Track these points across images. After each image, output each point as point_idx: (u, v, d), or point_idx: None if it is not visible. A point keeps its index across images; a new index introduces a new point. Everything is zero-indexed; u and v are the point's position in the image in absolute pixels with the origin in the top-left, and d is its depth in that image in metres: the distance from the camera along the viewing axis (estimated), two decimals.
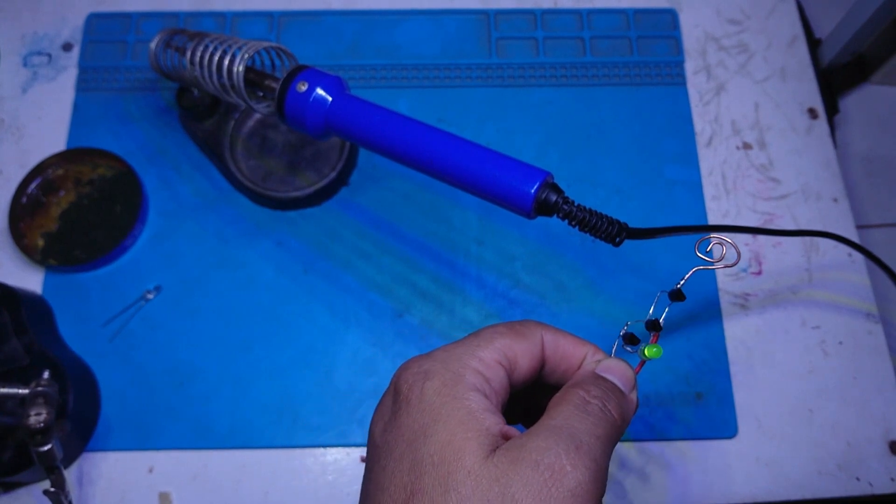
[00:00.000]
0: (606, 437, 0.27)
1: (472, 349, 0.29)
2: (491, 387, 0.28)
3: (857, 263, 0.55)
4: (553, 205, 0.35)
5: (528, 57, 0.61)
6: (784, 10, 0.64)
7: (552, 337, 0.31)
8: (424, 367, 0.28)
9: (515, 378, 0.30)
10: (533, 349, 0.30)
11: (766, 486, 0.48)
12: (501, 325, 0.31)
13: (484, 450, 0.25)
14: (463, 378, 0.27)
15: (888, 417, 0.50)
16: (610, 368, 0.31)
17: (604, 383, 0.30)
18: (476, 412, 0.26)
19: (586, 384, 0.29)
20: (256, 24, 0.62)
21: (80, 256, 0.53)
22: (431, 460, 0.25)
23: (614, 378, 0.31)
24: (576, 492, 0.24)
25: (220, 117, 0.56)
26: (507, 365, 0.29)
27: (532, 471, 0.24)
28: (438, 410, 0.26)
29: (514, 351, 0.30)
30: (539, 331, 0.31)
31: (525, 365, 0.30)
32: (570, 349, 0.32)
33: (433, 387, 0.27)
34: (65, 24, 0.63)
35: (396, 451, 0.26)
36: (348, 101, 0.43)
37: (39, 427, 0.42)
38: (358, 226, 0.55)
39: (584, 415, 0.27)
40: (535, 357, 0.31)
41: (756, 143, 0.59)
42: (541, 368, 0.31)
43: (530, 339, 0.31)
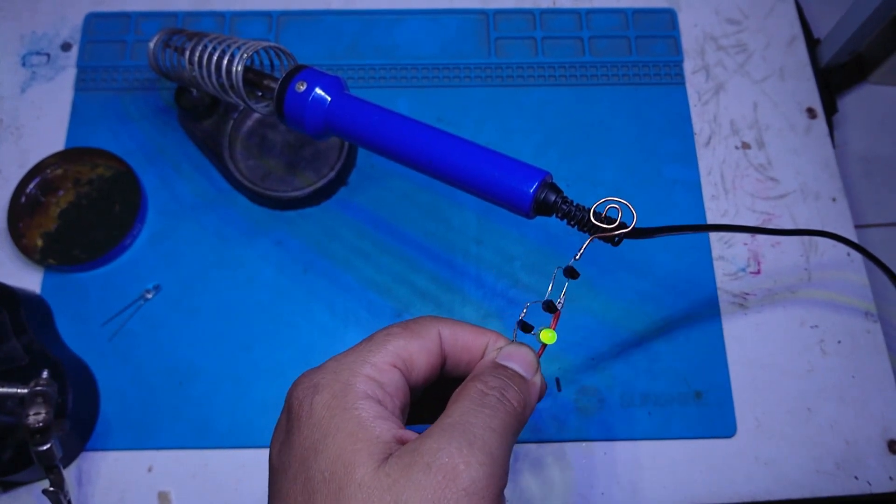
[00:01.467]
0: (504, 427, 0.27)
1: (364, 355, 0.28)
2: (385, 392, 0.28)
3: (856, 263, 0.55)
4: (552, 204, 0.35)
5: (527, 57, 0.61)
6: (783, 9, 0.64)
7: (450, 330, 0.31)
8: (314, 381, 0.27)
9: (415, 378, 0.29)
10: (430, 346, 0.30)
11: (765, 484, 0.48)
12: (395, 326, 0.30)
13: (375, 459, 0.24)
14: (353, 387, 0.27)
15: (887, 416, 0.50)
16: (510, 355, 0.30)
17: (503, 372, 0.29)
18: (366, 421, 0.26)
19: (485, 375, 0.29)
20: (255, 23, 0.62)
21: (80, 256, 0.53)
22: (322, 477, 0.24)
23: (515, 365, 0.30)
24: (470, 490, 0.24)
25: (219, 117, 0.56)
26: (403, 366, 0.29)
27: (424, 474, 0.24)
28: (328, 424, 0.26)
29: (409, 351, 0.29)
30: (435, 326, 0.31)
31: (423, 363, 0.30)
32: (470, 340, 0.31)
33: (322, 400, 0.26)
34: (63, 23, 0.63)
35: (290, 472, 0.26)
36: (347, 101, 0.43)
37: (38, 426, 0.42)
38: (357, 225, 0.55)
39: (480, 408, 0.27)
40: (433, 354, 0.30)
41: (755, 142, 0.59)
42: (443, 364, 0.31)
43: (426, 336, 0.30)
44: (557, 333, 0.32)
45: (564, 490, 0.48)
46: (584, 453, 0.49)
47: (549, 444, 0.49)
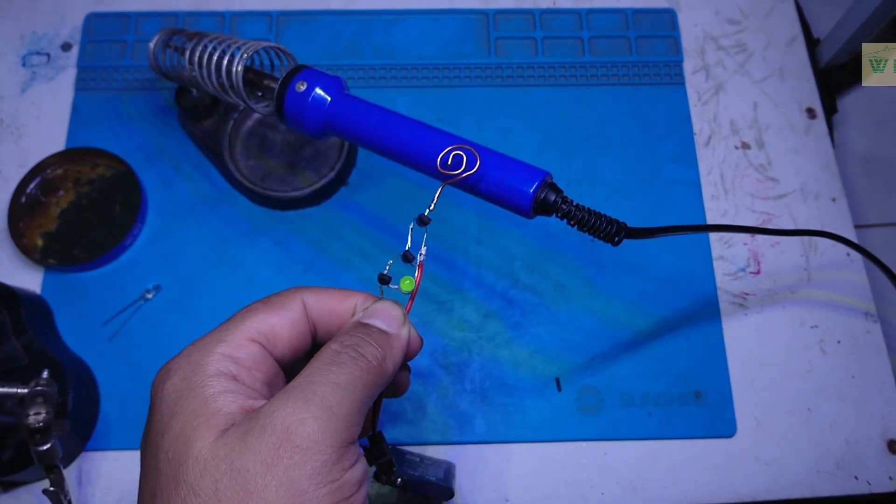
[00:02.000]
0: (351, 381, 0.26)
1: (220, 334, 0.28)
2: (242, 366, 0.27)
3: (856, 263, 0.55)
4: (552, 204, 0.35)
5: (526, 57, 0.61)
6: (783, 9, 0.64)
7: (315, 298, 0.30)
8: (168, 367, 0.27)
9: (281, 350, 0.29)
10: (293, 316, 0.30)
11: (765, 484, 0.48)
12: (257, 302, 0.30)
13: (214, 432, 0.24)
14: (203, 367, 0.27)
15: (886, 416, 0.50)
16: (374, 312, 0.30)
17: (361, 329, 0.29)
18: (210, 397, 0.25)
19: (342, 335, 0.29)
20: (255, 23, 0.62)
21: (80, 256, 0.53)
22: (166, 457, 0.24)
23: (378, 321, 0.30)
24: (304, 446, 0.24)
25: (219, 117, 0.56)
26: (264, 340, 0.29)
27: (259, 438, 0.24)
28: (174, 406, 0.26)
29: (270, 324, 0.29)
30: (298, 296, 0.30)
31: (287, 335, 0.29)
32: (336, 305, 0.31)
33: (173, 384, 0.26)
34: (63, 23, 0.63)
35: (145, 459, 0.26)
36: (347, 101, 0.43)
37: (39, 426, 0.42)
38: (357, 225, 0.55)
39: (327, 366, 0.27)
40: (298, 324, 0.30)
41: (755, 142, 0.59)
42: (314, 333, 0.31)
43: (288, 307, 0.30)
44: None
45: (564, 490, 0.48)
46: (584, 453, 0.49)
47: (549, 444, 0.49)
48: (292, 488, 0.23)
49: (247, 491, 0.23)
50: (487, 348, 0.51)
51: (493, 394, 0.50)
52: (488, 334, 0.52)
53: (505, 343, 0.51)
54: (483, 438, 0.49)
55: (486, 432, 0.49)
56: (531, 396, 0.50)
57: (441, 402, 0.50)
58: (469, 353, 0.51)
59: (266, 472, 0.23)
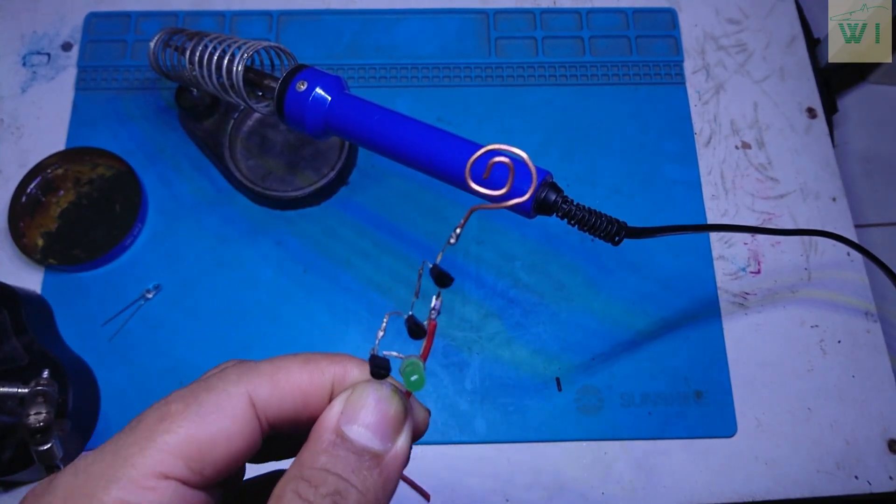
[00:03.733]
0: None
1: (117, 465, 0.20)
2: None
3: (856, 262, 0.55)
4: (552, 204, 0.35)
5: (527, 56, 0.61)
6: (783, 9, 0.64)
7: (269, 389, 0.22)
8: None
9: (209, 476, 0.20)
10: (231, 428, 0.21)
11: (766, 484, 0.48)
12: (176, 401, 0.21)
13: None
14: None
15: (887, 416, 0.50)
16: (358, 413, 0.21)
17: (342, 458, 0.20)
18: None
19: (312, 473, 0.19)
20: (255, 23, 0.62)
21: (80, 256, 0.53)
22: None
23: (364, 431, 0.20)
24: None
25: (220, 117, 0.56)
26: (184, 471, 0.20)
27: None
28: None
29: (197, 444, 0.20)
30: (241, 390, 0.21)
31: (222, 456, 0.20)
32: (304, 391, 0.22)
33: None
34: (64, 23, 0.63)
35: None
36: (348, 101, 0.43)
37: (39, 426, 0.42)
38: (357, 225, 0.55)
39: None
40: (239, 437, 0.21)
41: (755, 142, 0.59)
42: (268, 432, 0.22)
43: (224, 411, 0.21)
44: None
45: (564, 490, 0.48)
46: (584, 453, 0.49)
47: (549, 444, 0.49)
48: None
49: None
50: (488, 348, 0.51)
51: (493, 394, 0.50)
52: (488, 334, 0.52)
53: (505, 343, 0.51)
54: (483, 438, 0.49)
55: (486, 432, 0.49)
56: (531, 396, 0.50)
57: (441, 402, 0.50)
58: (469, 353, 0.51)
59: None
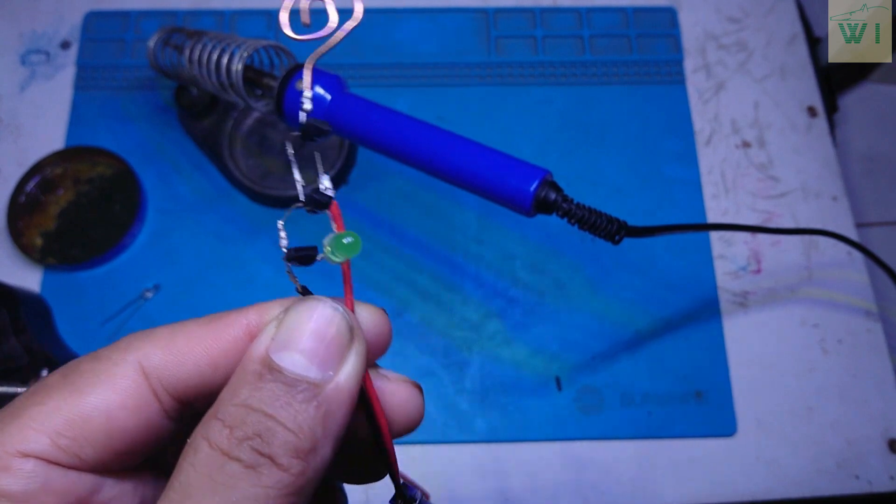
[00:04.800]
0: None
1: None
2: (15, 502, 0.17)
3: (857, 262, 0.55)
4: (552, 203, 0.35)
5: (527, 55, 0.61)
6: (783, 8, 0.64)
7: (163, 355, 0.19)
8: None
9: (96, 457, 0.18)
10: (113, 399, 0.18)
11: (766, 484, 0.48)
12: (55, 373, 0.18)
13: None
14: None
15: (887, 416, 0.50)
16: (291, 336, 0.17)
17: (268, 391, 0.17)
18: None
19: (228, 412, 0.17)
20: (255, 22, 0.62)
21: (79, 255, 0.53)
22: None
23: (297, 359, 0.17)
24: None
25: (219, 116, 0.56)
26: (53, 449, 0.17)
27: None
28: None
29: (68, 418, 0.17)
30: (130, 356, 0.19)
31: (102, 432, 0.18)
32: (209, 354, 0.20)
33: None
34: (63, 22, 0.62)
35: None
36: (347, 100, 0.43)
37: None
38: (357, 224, 0.55)
39: (207, 497, 0.15)
40: (125, 411, 0.18)
41: (755, 141, 0.59)
42: (179, 409, 0.19)
43: (105, 382, 0.18)
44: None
45: (564, 490, 0.48)
46: (584, 453, 0.49)
47: (550, 444, 0.49)
48: None
49: None
50: (487, 348, 0.51)
51: (493, 394, 0.50)
52: (488, 334, 0.52)
53: (505, 342, 0.51)
54: (483, 438, 0.49)
55: (486, 432, 0.49)
56: (531, 396, 0.50)
57: (441, 402, 0.50)
58: (469, 352, 0.51)
59: None
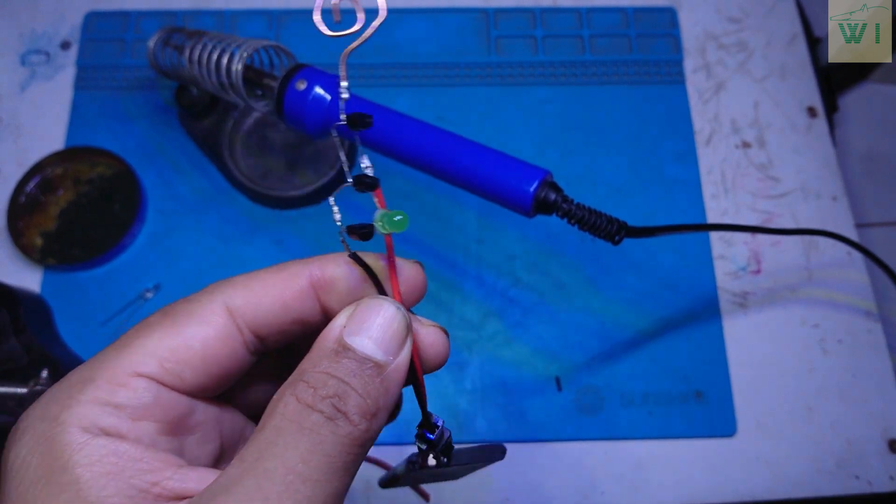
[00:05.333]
0: (329, 468, 0.18)
1: (93, 369, 0.20)
2: (125, 417, 0.19)
3: (857, 262, 0.55)
4: (552, 203, 0.35)
5: (527, 55, 0.61)
6: (783, 8, 0.64)
7: (244, 297, 0.22)
8: (20, 423, 0.19)
9: (192, 382, 0.20)
10: (206, 332, 0.21)
11: (766, 484, 0.48)
12: (155, 313, 0.21)
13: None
14: (64, 428, 0.18)
15: (887, 416, 0.50)
16: (363, 325, 0.20)
17: (345, 364, 0.19)
18: (87, 491, 0.17)
19: (313, 375, 0.19)
20: (255, 22, 0.62)
21: (79, 255, 0.53)
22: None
23: (367, 344, 0.20)
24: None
25: (219, 116, 0.56)
26: (159, 371, 0.20)
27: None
28: (27, 497, 0.17)
29: (171, 347, 0.20)
30: (217, 299, 0.21)
31: (199, 360, 0.20)
32: (281, 297, 0.22)
33: (19, 456, 0.18)
34: (63, 22, 0.62)
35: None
36: (347, 100, 0.43)
37: None
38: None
39: (293, 439, 0.18)
40: (216, 342, 0.21)
41: (755, 141, 0.59)
42: (258, 344, 0.22)
43: (199, 319, 0.21)
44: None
45: (564, 490, 0.48)
46: (584, 453, 0.49)
47: (550, 444, 0.49)
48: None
49: None
50: (487, 348, 0.51)
51: (493, 393, 0.50)
52: (488, 334, 0.52)
53: (505, 342, 0.51)
54: (483, 438, 0.49)
55: (486, 432, 0.49)
56: (531, 396, 0.50)
57: (441, 402, 0.50)
58: (469, 352, 0.51)
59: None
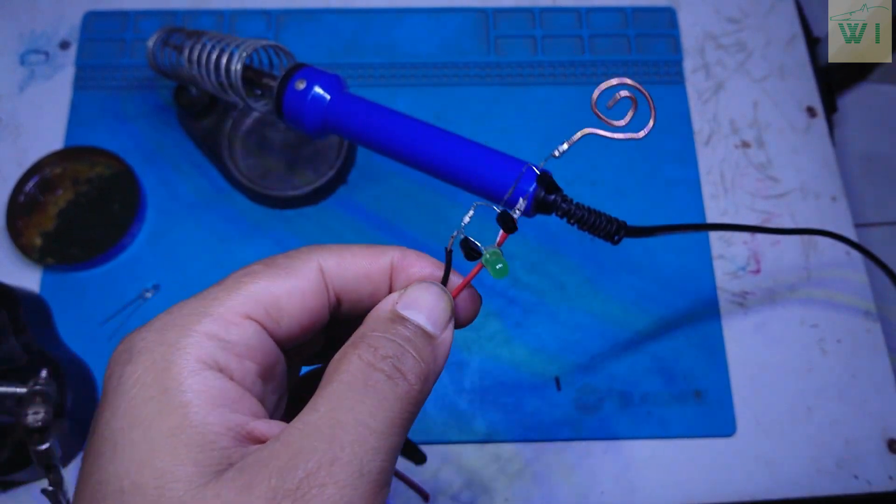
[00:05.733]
0: (393, 422, 0.20)
1: (206, 303, 0.21)
2: (233, 354, 0.21)
3: (856, 262, 0.55)
4: (552, 203, 0.35)
5: (526, 55, 0.61)
6: (783, 8, 0.64)
7: (336, 260, 0.23)
8: (132, 343, 0.20)
9: (286, 330, 0.22)
10: (304, 285, 0.23)
11: (765, 483, 0.48)
12: (257, 263, 0.23)
13: (202, 473, 0.18)
14: (180, 354, 0.20)
15: (886, 416, 0.50)
16: (415, 302, 0.23)
17: (401, 331, 0.22)
18: (195, 414, 0.19)
19: (373, 338, 0.22)
20: (254, 22, 0.62)
21: (78, 255, 0.53)
22: (120, 486, 0.18)
23: (420, 316, 0.23)
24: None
25: (218, 116, 0.56)
26: (264, 317, 0.22)
27: (267, 501, 0.18)
28: (137, 411, 0.19)
29: (274, 295, 0.22)
30: (313, 258, 0.23)
31: (296, 310, 0.22)
32: (365, 267, 0.24)
33: (135, 373, 0.19)
34: (62, 22, 0.62)
35: (85, 466, 0.19)
36: (347, 100, 0.43)
37: (37, 426, 0.41)
38: (356, 224, 0.55)
39: (359, 395, 0.20)
40: (311, 296, 0.23)
41: (755, 141, 0.59)
42: (335, 305, 0.24)
43: (299, 273, 0.23)
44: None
45: (564, 490, 0.48)
46: (584, 453, 0.49)
47: (550, 444, 0.49)
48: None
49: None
50: (487, 347, 0.51)
51: (492, 393, 0.50)
52: (488, 334, 0.52)
53: (505, 342, 0.51)
54: (482, 438, 0.49)
55: (485, 432, 0.49)
56: (531, 396, 0.50)
57: (441, 401, 0.50)
58: (469, 352, 0.51)
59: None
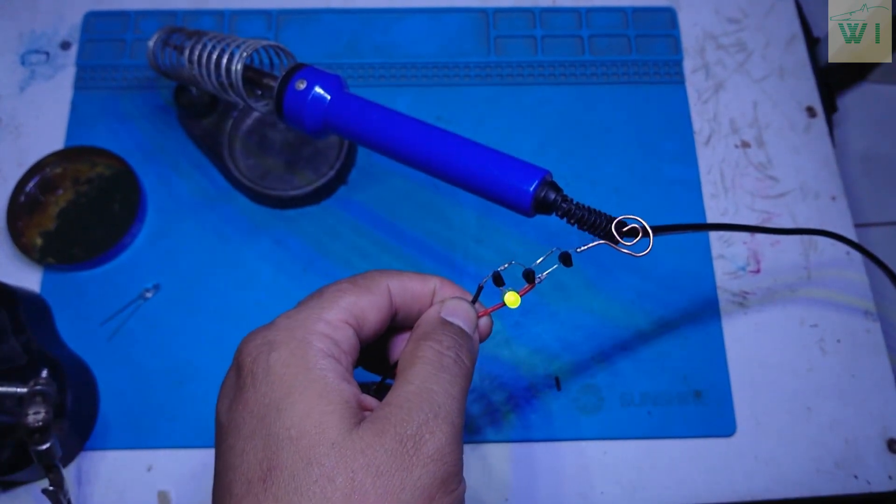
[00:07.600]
0: (461, 391, 0.28)
1: (317, 311, 0.28)
2: (341, 349, 0.28)
3: (856, 262, 0.55)
4: (552, 203, 0.35)
5: (526, 55, 0.61)
6: (782, 8, 0.64)
7: (399, 283, 0.31)
8: (268, 338, 0.27)
9: (365, 334, 0.30)
10: (380, 301, 0.30)
11: (765, 483, 0.48)
12: (344, 282, 0.30)
13: (346, 423, 0.25)
14: (311, 345, 0.27)
15: (886, 415, 0.50)
16: (455, 311, 0.31)
17: (452, 330, 0.30)
18: (333, 383, 0.26)
19: (437, 334, 0.29)
20: (255, 22, 0.62)
21: (79, 255, 0.53)
22: (289, 434, 0.25)
23: (459, 321, 0.31)
24: (435, 456, 0.25)
25: (219, 116, 0.56)
26: (355, 323, 0.29)
27: (395, 442, 0.25)
28: (291, 383, 0.26)
29: (361, 307, 0.29)
30: (384, 280, 0.31)
31: (374, 319, 0.30)
32: (418, 289, 0.32)
33: (280, 358, 0.26)
34: (62, 22, 0.62)
35: (246, 428, 0.26)
36: (347, 100, 0.43)
37: (38, 426, 0.42)
38: (357, 224, 0.55)
39: (440, 372, 0.28)
40: (383, 309, 0.30)
41: (755, 141, 0.59)
42: (393, 317, 0.31)
43: (376, 291, 0.30)
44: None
45: (564, 490, 0.48)
46: (584, 453, 0.49)
47: (550, 444, 0.49)
48: (424, 494, 0.25)
49: (386, 489, 0.24)
50: (487, 348, 0.51)
51: (492, 393, 0.50)
52: None
53: (504, 342, 0.51)
54: (483, 438, 0.49)
55: (485, 432, 0.49)
56: (531, 396, 0.50)
57: None
58: None
59: (402, 476, 0.24)
